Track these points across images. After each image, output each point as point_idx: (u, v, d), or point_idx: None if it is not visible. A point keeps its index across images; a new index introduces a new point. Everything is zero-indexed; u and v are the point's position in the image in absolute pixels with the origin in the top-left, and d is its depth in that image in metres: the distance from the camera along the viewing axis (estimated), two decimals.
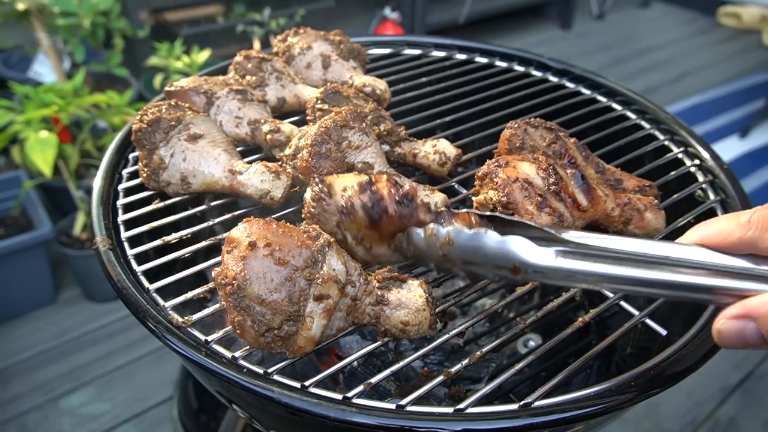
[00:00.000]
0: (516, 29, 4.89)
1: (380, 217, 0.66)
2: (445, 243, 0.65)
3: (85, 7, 2.18)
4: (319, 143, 0.80)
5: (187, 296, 0.70)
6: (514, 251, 0.60)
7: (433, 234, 0.65)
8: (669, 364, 0.66)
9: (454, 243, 0.64)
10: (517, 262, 0.60)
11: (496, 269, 0.63)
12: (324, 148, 0.80)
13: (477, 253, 0.63)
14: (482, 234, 0.62)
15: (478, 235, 0.62)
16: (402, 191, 0.66)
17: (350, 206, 0.66)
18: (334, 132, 0.81)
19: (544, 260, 0.59)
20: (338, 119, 0.81)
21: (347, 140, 0.81)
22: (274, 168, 0.83)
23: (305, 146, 0.81)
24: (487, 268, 0.64)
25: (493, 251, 0.62)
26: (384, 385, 0.94)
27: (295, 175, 0.83)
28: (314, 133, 0.81)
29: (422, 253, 0.67)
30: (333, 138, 0.80)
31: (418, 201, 0.67)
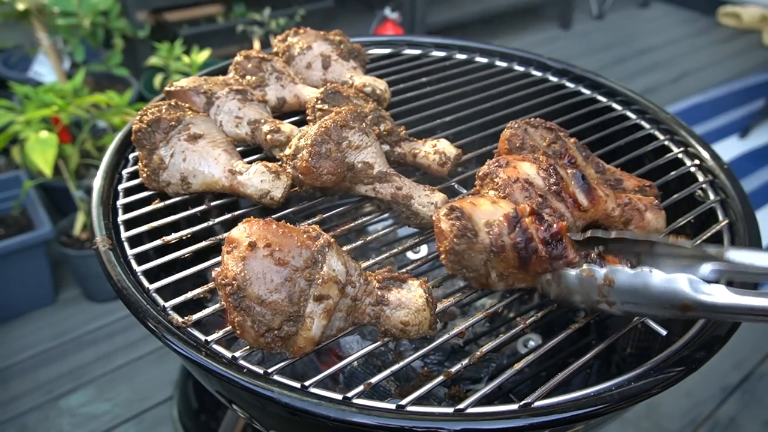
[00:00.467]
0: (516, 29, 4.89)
1: (530, 258, 0.64)
2: (605, 284, 0.62)
3: (85, 7, 2.18)
4: (319, 143, 0.79)
5: (187, 296, 0.70)
6: (684, 290, 0.57)
7: (592, 276, 0.62)
8: (669, 364, 0.66)
9: (615, 284, 0.61)
10: (688, 301, 0.57)
11: (661, 309, 0.59)
12: (324, 148, 0.79)
13: (641, 293, 0.60)
14: (647, 273, 0.59)
15: (642, 275, 0.59)
16: (551, 231, 0.64)
17: (500, 246, 0.64)
18: (334, 132, 0.80)
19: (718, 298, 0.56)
20: (338, 119, 0.81)
21: (347, 140, 0.81)
22: (274, 168, 0.83)
23: (305, 146, 0.80)
24: (650, 307, 0.60)
25: (660, 291, 0.58)
26: (384, 385, 0.94)
27: (295, 175, 0.83)
28: (314, 133, 0.80)
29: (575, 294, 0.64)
30: (333, 138, 0.80)
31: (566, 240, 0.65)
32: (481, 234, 0.66)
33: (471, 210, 0.67)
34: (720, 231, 0.86)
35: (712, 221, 0.89)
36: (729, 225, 0.87)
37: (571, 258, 0.66)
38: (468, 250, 0.66)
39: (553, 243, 0.65)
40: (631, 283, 0.60)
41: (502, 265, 0.67)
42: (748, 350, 2.25)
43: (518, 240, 0.64)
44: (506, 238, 0.65)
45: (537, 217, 0.66)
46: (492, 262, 0.67)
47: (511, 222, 0.65)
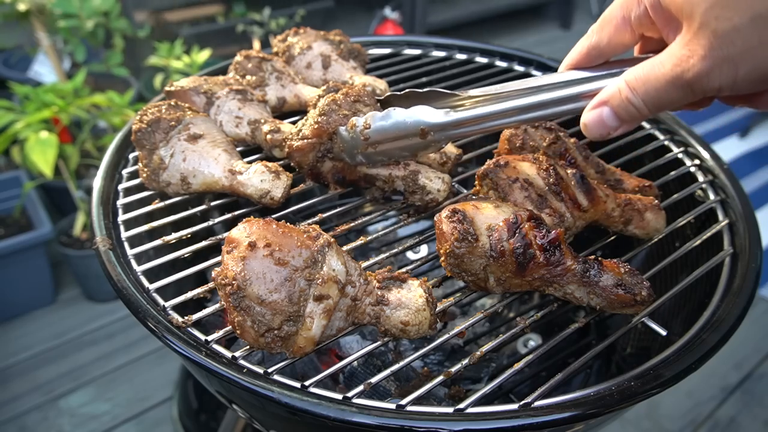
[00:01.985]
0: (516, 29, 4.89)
1: (528, 264, 0.66)
2: (365, 128, 0.75)
3: (87, 8, 2.18)
4: (329, 111, 0.79)
5: (187, 296, 0.70)
6: (418, 117, 0.72)
7: (354, 124, 0.76)
8: (669, 364, 0.66)
9: (371, 126, 0.75)
10: (422, 125, 0.72)
11: (409, 140, 0.74)
12: (334, 115, 0.79)
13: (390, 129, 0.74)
14: (392, 110, 0.74)
15: (389, 112, 0.74)
16: (549, 237, 0.66)
17: (500, 251, 0.66)
18: (345, 102, 0.80)
19: (441, 118, 0.70)
20: (351, 92, 0.81)
21: (361, 112, 0.80)
22: (274, 168, 0.83)
23: (313, 116, 0.80)
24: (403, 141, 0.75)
25: (402, 122, 0.73)
26: (384, 385, 0.94)
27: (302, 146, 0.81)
28: (322, 104, 0.80)
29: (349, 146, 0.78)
30: (344, 107, 0.80)
31: (564, 247, 0.66)
32: (482, 239, 0.66)
33: (473, 213, 0.68)
34: (720, 231, 0.86)
35: (712, 221, 0.89)
36: (729, 225, 0.87)
37: (569, 265, 0.66)
38: (468, 254, 0.66)
39: (550, 249, 0.65)
40: (382, 120, 0.75)
41: (500, 270, 0.67)
42: (748, 350, 2.25)
43: (517, 246, 0.65)
44: (506, 244, 0.65)
45: (536, 222, 0.66)
46: (491, 267, 0.67)
47: (510, 227, 0.66)
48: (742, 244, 0.83)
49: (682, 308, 0.89)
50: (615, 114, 0.58)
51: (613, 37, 0.63)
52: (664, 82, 0.53)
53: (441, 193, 0.83)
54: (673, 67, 0.52)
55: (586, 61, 0.66)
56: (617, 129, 0.59)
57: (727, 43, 0.48)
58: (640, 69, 0.55)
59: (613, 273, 0.67)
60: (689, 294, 0.87)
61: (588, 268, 0.67)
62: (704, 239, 0.84)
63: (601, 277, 0.67)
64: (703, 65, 0.50)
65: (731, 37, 0.48)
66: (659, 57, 0.54)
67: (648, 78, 0.54)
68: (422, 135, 0.72)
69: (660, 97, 0.54)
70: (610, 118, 0.58)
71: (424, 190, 0.82)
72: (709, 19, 0.48)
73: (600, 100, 0.59)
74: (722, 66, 0.49)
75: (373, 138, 0.76)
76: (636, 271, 0.68)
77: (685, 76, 0.51)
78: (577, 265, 0.67)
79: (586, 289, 0.68)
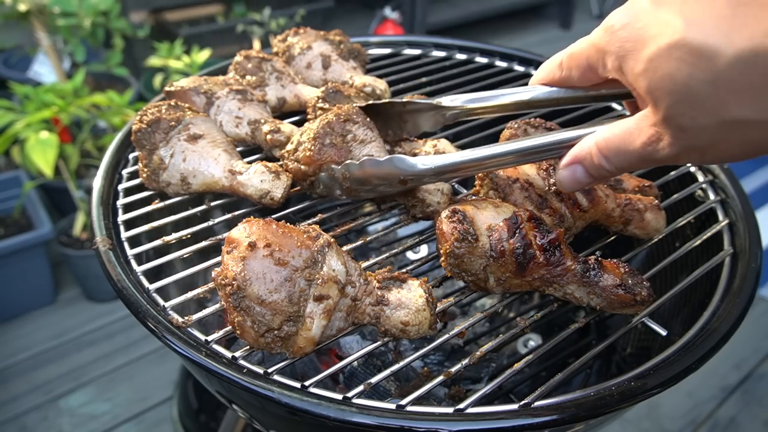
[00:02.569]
0: (516, 29, 4.89)
1: (528, 264, 0.66)
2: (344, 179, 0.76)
3: (86, 7, 2.18)
4: (322, 135, 0.80)
5: (187, 296, 0.70)
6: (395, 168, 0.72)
7: (333, 174, 0.78)
8: (669, 364, 0.66)
9: (350, 176, 0.76)
10: (401, 175, 0.72)
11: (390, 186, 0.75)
12: (328, 140, 0.80)
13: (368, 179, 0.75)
14: (367, 160, 0.74)
15: (365, 162, 0.74)
16: (549, 238, 0.66)
17: (500, 251, 0.66)
18: (337, 125, 0.80)
19: (418, 168, 0.70)
20: (341, 113, 0.81)
21: (352, 133, 0.80)
22: (274, 168, 0.83)
23: (308, 140, 0.81)
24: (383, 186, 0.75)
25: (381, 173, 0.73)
26: (384, 385, 0.94)
27: (296, 168, 0.82)
28: (317, 126, 0.81)
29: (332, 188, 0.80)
30: (336, 131, 0.80)
31: (564, 247, 0.66)
32: (482, 239, 0.66)
33: (473, 214, 0.68)
34: (720, 231, 0.86)
35: (712, 221, 0.89)
36: (729, 225, 0.87)
37: (569, 265, 0.66)
38: (468, 254, 0.66)
39: (550, 249, 0.65)
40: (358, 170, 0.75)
41: (500, 270, 0.67)
42: (748, 350, 2.25)
43: (517, 246, 0.65)
44: (506, 244, 0.65)
45: (536, 222, 0.66)
46: (491, 267, 0.67)
47: (511, 228, 0.66)
48: (742, 244, 0.83)
49: (682, 308, 0.89)
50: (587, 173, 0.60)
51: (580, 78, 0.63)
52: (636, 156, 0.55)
53: (441, 205, 0.83)
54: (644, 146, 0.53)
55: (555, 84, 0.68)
56: (589, 184, 0.62)
57: (693, 137, 0.49)
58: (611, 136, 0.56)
59: (613, 273, 0.67)
60: (689, 294, 0.87)
61: (588, 269, 0.67)
62: (704, 239, 0.85)
63: (601, 277, 0.67)
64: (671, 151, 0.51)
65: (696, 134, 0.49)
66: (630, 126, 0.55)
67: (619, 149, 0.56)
68: (402, 182, 0.73)
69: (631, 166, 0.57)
70: (582, 176, 0.61)
71: (424, 203, 0.83)
72: (673, 114, 0.49)
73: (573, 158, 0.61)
74: (690, 152, 0.51)
75: (353, 186, 0.77)
76: (636, 271, 0.69)
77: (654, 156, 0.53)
78: (577, 266, 0.67)
79: (586, 290, 0.68)
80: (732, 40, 0.43)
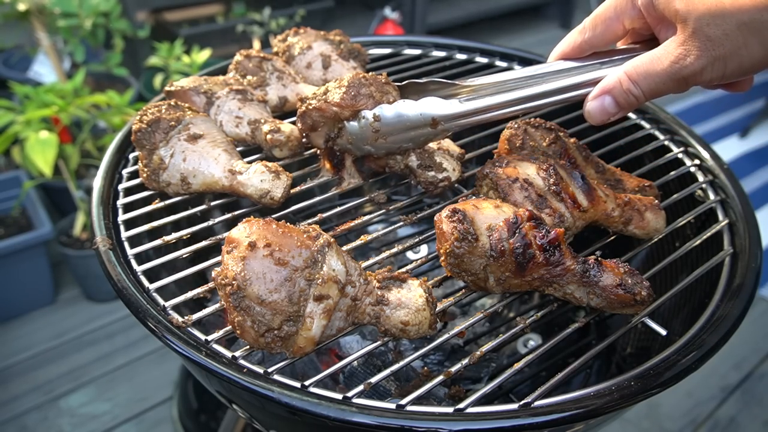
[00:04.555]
0: (516, 29, 4.89)
1: (527, 264, 0.66)
2: (374, 121, 0.76)
3: (86, 8, 2.18)
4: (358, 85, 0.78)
5: (187, 296, 0.70)
6: (429, 110, 0.74)
7: (364, 117, 0.77)
8: (669, 364, 0.66)
9: (381, 118, 0.76)
10: (434, 116, 0.74)
11: (420, 129, 0.76)
12: (364, 90, 0.78)
13: (400, 121, 0.76)
14: (401, 102, 0.75)
15: (398, 104, 0.75)
16: (549, 237, 0.66)
17: (500, 251, 0.66)
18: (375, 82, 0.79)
19: (452, 109, 0.73)
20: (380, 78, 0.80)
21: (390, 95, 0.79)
22: (274, 168, 0.83)
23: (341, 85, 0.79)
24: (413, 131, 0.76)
25: (414, 114, 0.75)
26: (384, 385, 0.94)
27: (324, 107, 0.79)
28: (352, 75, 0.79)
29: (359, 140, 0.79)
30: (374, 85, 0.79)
31: (564, 247, 0.67)
32: (482, 238, 0.66)
33: (473, 213, 0.68)
34: (720, 231, 0.86)
35: (712, 221, 0.89)
36: (729, 225, 0.87)
37: (569, 265, 0.66)
38: (468, 253, 0.66)
39: (550, 249, 0.66)
40: (391, 112, 0.76)
41: (500, 270, 0.67)
42: (748, 350, 2.25)
43: (516, 246, 0.65)
44: (506, 244, 0.65)
45: (536, 222, 0.66)
46: (491, 266, 0.67)
47: (510, 227, 0.66)
48: (742, 244, 0.83)
49: (682, 308, 0.89)
50: (616, 102, 0.66)
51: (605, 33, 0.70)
52: (664, 76, 0.61)
53: (455, 173, 0.85)
54: (671, 64, 0.60)
55: (577, 52, 0.73)
56: (616, 114, 0.67)
57: (718, 45, 0.58)
58: (639, 63, 0.63)
59: (613, 273, 0.67)
60: (689, 294, 0.87)
61: (588, 268, 0.67)
62: (704, 239, 0.84)
63: (601, 277, 0.67)
64: (698, 63, 0.59)
65: (721, 41, 0.57)
66: (656, 52, 0.62)
67: (648, 72, 0.62)
68: (433, 125, 0.75)
69: (658, 88, 0.63)
70: (611, 106, 0.66)
71: (439, 166, 0.84)
72: (701, 25, 0.57)
73: (602, 90, 0.66)
74: (714, 64, 0.59)
75: (383, 130, 0.77)
76: (636, 271, 0.69)
77: (682, 72, 0.60)
78: (577, 265, 0.67)
79: (585, 289, 0.68)
80: None
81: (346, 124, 0.79)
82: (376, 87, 0.79)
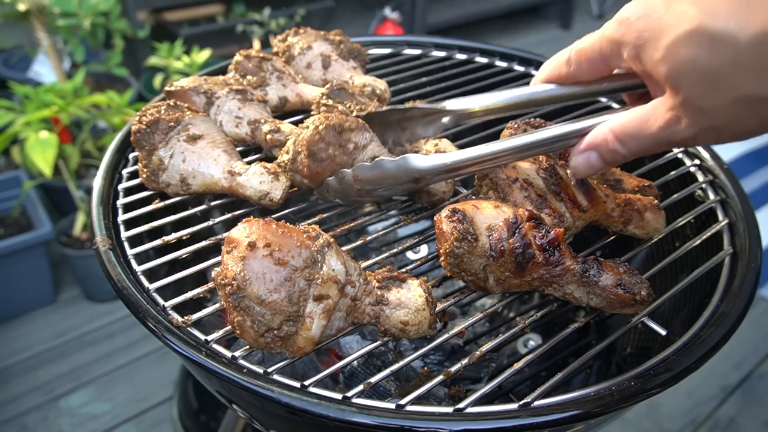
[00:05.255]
0: (516, 29, 4.89)
1: (527, 264, 0.66)
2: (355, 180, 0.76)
3: (86, 7, 2.18)
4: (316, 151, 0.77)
5: (187, 296, 0.70)
6: (409, 166, 0.72)
7: (343, 176, 0.77)
8: (669, 364, 0.66)
9: (360, 177, 0.75)
10: (414, 174, 0.72)
11: (402, 185, 0.75)
12: (323, 154, 0.78)
13: (381, 179, 0.75)
14: (380, 161, 0.74)
15: (377, 163, 0.74)
16: (549, 238, 0.66)
17: (500, 251, 0.66)
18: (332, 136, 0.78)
19: (432, 164, 0.70)
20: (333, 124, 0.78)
21: (352, 142, 0.79)
22: (273, 169, 0.83)
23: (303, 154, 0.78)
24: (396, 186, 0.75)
25: (394, 172, 0.73)
26: (384, 385, 0.94)
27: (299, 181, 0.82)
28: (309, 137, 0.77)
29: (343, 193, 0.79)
30: (333, 142, 0.78)
31: (563, 247, 0.67)
32: (482, 238, 0.66)
33: (473, 213, 0.68)
34: (720, 231, 0.86)
35: (712, 221, 0.89)
36: (729, 225, 0.87)
37: (568, 265, 0.66)
38: (468, 253, 0.66)
39: (550, 249, 0.66)
40: (369, 173, 0.75)
41: (499, 269, 0.67)
42: (748, 350, 2.25)
43: (516, 245, 0.65)
44: (506, 244, 0.65)
45: (535, 222, 0.66)
46: (490, 266, 0.67)
47: (510, 227, 0.66)
48: (742, 244, 0.83)
49: (682, 308, 0.89)
50: (601, 158, 0.63)
51: (589, 72, 0.66)
52: (652, 140, 0.58)
53: (446, 194, 0.84)
54: (661, 129, 0.57)
55: (562, 81, 0.70)
56: (601, 170, 0.65)
57: (711, 116, 0.53)
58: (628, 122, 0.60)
59: (613, 273, 0.67)
60: (689, 294, 0.87)
61: (587, 268, 0.67)
62: (704, 239, 0.84)
63: (601, 276, 0.67)
64: (689, 132, 0.55)
65: (714, 112, 0.53)
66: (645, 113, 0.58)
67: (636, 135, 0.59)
68: (415, 181, 0.73)
69: (645, 149, 0.60)
70: (597, 161, 0.64)
71: (429, 193, 0.83)
72: (693, 96, 0.53)
73: (588, 144, 0.64)
74: (707, 133, 0.55)
75: (365, 188, 0.77)
76: (635, 270, 0.69)
77: (672, 138, 0.57)
78: (577, 265, 0.67)
79: (585, 289, 0.68)
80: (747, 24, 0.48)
81: (328, 182, 0.79)
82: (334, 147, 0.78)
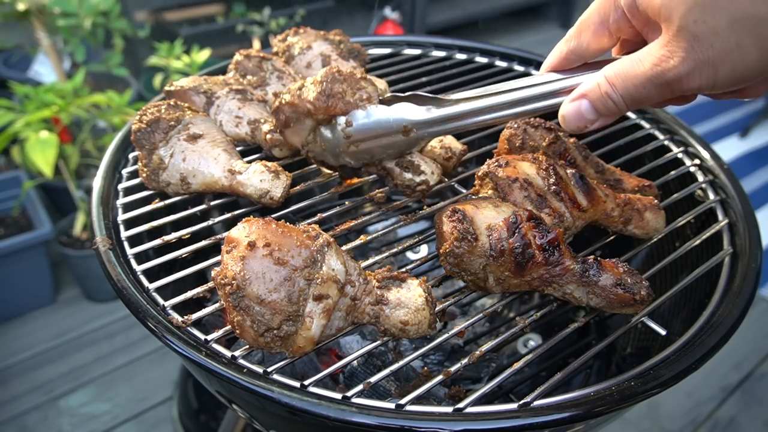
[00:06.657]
0: (516, 29, 4.89)
1: (527, 264, 0.66)
2: (346, 126, 0.75)
3: (86, 7, 2.18)
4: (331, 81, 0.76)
5: (187, 296, 0.70)
6: (400, 115, 0.72)
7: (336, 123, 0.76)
8: (669, 364, 0.66)
9: (353, 124, 0.75)
10: (404, 122, 0.72)
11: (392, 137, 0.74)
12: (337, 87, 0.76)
13: (373, 126, 0.74)
14: (373, 108, 0.74)
15: (371, 109, 0.74)
16: (548, 238, 0.66)
17: (500, 251, 0.66)
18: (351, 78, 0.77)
19: (423, 115, 0.71)
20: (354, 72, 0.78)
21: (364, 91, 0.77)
22: (274, 168, 0.83)
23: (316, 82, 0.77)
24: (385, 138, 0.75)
25: (385, 119, 0.73)
26: (384, 384, 0.94)
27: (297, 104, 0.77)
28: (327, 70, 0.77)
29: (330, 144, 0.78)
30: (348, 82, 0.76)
31: (563, 247, 0.67)
32: (482, 238, 0.66)
33: (473, 213, 0.68)
34: (720, 231, 0.86)
35: (712, 221, 0.89)
36: (729, 225, 0.87)
37: (568, 265, 0.66)
38: (467, 253, 0.66)
39: (549, 249, 0.65)
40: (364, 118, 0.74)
41: (499, 269, 0.67)
42: (748, 350, 2.25)
43: (516, 245, 0.65)
44: (505, 243, 0.65)
45: (535, 222, 0.66)
46: (490, 266, 0.67)
47: (510, 227, 0.66)
48: (742, 244, 0.83)
49: (682, 308, 0.89)
50: (593, 107, 0.59)
51: (591, 41, 0.64)
52: (644, 79, 0.54)
53: (434, 177, 0.82)
54: (653, 66, 0.53)
55: (566, 63, 0.67)
56: (594, 122, 0.61)
57: (707, 46, 0.50)
58: (619, 65, 0.57)
59: (612, 272, 0.67)
60: (689, 294, 0.87)
61: (587, 268, 0.67)
62: (704, 239, 0.84)
63: (600, 276, 0.67)
64: (683, 67, 0.51)
65: (710, 41, 0.49)
66: (638, 54, 0.55)
67: (627, 74, 0.56)
68: (405, 132, 0.73)
69: (638, 93, 0.56)
70: (588, 111, 0.60)
71: (417, 168, 0.81)
72: (688, 22, 0.49)
73: (579, 93, 0.60)
74: (702, 68, 0.51)
75: (355, 136, 0.76)
76: (635, 270, 0.69)
77: (665, 76, 0.53)
78: (576, 265, 0.67)
79: (585, 289, 0.68)
80: None
81: (320, 130, 0.78)
82: (349, 84, 0.76)
